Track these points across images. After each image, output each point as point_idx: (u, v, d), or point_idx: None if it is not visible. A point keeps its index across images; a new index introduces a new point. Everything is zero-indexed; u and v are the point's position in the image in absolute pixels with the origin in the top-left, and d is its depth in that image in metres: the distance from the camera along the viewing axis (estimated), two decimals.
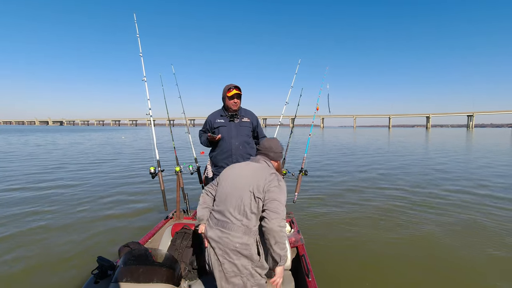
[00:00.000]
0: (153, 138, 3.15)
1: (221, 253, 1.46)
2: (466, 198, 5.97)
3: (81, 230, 4.15)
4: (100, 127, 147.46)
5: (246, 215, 1.46)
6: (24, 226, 4.27)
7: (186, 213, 3.11)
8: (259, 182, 1.48)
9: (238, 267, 1.44)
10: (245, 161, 1.85)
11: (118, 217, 4.78)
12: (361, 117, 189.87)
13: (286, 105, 3.72)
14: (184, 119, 3.93)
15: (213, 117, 2.78)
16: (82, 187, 6.80)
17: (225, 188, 1.57)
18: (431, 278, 2.91)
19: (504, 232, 4.08)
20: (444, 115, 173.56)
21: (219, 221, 1.51)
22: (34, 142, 22.14)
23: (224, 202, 1.53)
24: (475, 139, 31.80)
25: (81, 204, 5.44)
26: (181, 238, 2.48)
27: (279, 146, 1.75)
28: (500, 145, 21.50)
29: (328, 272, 2.97)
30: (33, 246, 3.61)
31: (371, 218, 4.71)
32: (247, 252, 1.45)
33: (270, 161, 1.68)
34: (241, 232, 1.45)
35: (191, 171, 3.27)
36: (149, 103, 3.15)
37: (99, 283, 1.71)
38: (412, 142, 25.87)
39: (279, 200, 1.46)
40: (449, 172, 9.13)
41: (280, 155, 1.75)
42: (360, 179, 8.06)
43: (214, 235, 1.49)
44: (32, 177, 7.90)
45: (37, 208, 5.11)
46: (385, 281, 2.88)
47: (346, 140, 28.54)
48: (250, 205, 1.45)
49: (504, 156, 13.93)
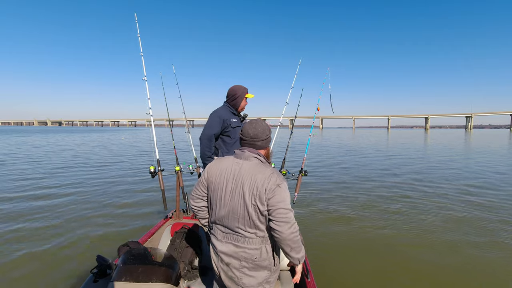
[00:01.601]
0: (153, 137, 3.14)
1: (239, 267, 1.35)
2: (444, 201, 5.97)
3: (80, 229, 4.14)
4: (99, 128, 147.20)
5: (257, 227, 1.34)
6: (24, 225, 4.26)
7: (186, 212, 3.10)
8: (260, 190, 1.30)
9: (258, 280, 1.37)
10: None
11: (117, 216, 4.77)
12: (360, 118, 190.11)
13: (286, 106, 3.71)
14: (184, 119, 3.93)
15: (227, 115, 2.49)
16: (82, 187, 6.78)
17: (222, 200, 1.38)
18: (431, 278, 2.91)
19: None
20: (442, 116, 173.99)
21: (228, 234, 1.38)
22: (36, 143, 22.05)
23: (227, 218, 1.37)
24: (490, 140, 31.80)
25: (81, 203, 5.43)
26: (180, 238, 2.47)
27: (265, 130, 1.46)
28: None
29: (327, 273, 2.97)
30: (32, 245, 3.60)
31: (371, 218, 4.72)
32: (267, 263, 1.38)
33: (259, 153, 1.43)
34: (258, 243, 1.35)
35: (191, 170, 3.26)
36: (149, 102, 3.14)
37: (98, 282, 1.70)
38: (431, 144, 25.86)
39: (284, 205, 1.30)
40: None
41: (267, 141, 1.48)
42: (360, 180, 8.07)
43: (227, 249, 1.37)
44: (32, 178, 7.89)
45: (37, 208, 5.10)
46: (385, 281, 2.88)
47: (364, 142, 28.50)
48: (257, 216, 1.32)
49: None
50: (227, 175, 1.38)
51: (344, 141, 27.96)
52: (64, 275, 2.92)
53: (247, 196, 1.31)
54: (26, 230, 4.08)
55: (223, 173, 1.40)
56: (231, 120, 2.49)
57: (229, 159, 1.45)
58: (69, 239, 3.79)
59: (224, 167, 1.41)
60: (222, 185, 1.38)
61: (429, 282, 2.85)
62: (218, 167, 1.43)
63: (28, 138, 28.67)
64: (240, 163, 1.39)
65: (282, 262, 2.22)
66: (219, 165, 1.43)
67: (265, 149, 1.49)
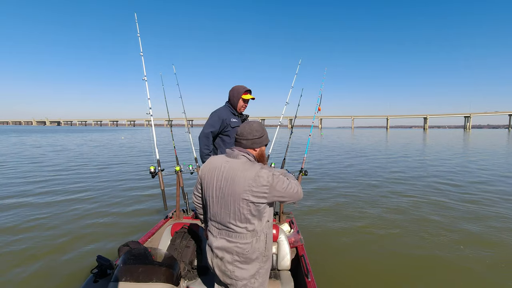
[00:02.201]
0: (153, 137, 3.15)
1: (231, 261, 1.42)
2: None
3: (80, 229, 4.13)
4: (98, 128, 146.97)
5: (248, 221, 1.40)
6: (23, 224, 4.25)
7: (186, 212, 3.10)
8: (253, 184, 1.35)
9: (250, 272, 1.43)
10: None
11: (117, 216, 4.77)
12: (359, 118, 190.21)
13: (286, 106, 3.71)
14: (184, 119, 3.93)
15: (226, 115, 2.53)
16: (82, 187, 6.77)
17: (214, 197, 1.44)
18: (431, 279, 2.92)
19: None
20: (441, 116, 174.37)
21: (222, 230, 1.46)
22: (36, 143, 22.00)
23: (220, 214, 1.43)
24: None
25: (81, 203, 5.43)
26: (180, 238, 2.47)
27: (253, 131, 1.48)
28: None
29: (327, 273, 2.97)
30: (32, 244, 3.60)
31: (371, 218, 4.72)
32: (258, 255, 1.44)
33: (248, 152, 1.46)
34: (249, 237, 1.42)
35: (191, 170, 3.26)
36: (149, 102, 3.14)
37: (98, 282, 1.70)
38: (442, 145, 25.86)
39: (290, 186, 1.41)
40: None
41: (255, 141, 1.49)
42: (360, 179, 8.08)
43: (221, 245, 1.44)
44: (32, 179, 7.87)
45: (37, 207, 5.09)
46: (385, 281, 2.88)
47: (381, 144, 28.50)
48: (249, 211, 1.38)
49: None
50: (218, 172, 1.44)
51: (344, 141, 27.98)
52: (64, 275, 2.92)
53: (237, 192, 1.37)
54: (26, 230, 4.07)
55: (214, 171, 1.46)
56: (231, 120, 2.52)
57: (220, 158, 1.51)
58: (69, 239, 3.79)
59: (214, 166, 1.48)
60: (213, 182, 1.45)
61: (429, 282, 2.85)
62: (209, 165, 1.51)
63: (28, 138, 28.59)
64: (229, 161, 1.45)
65: (282, 262, 2.22)
66: (211, 164, 1.51)
67: (254, 150, 1.51)
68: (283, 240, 2.23)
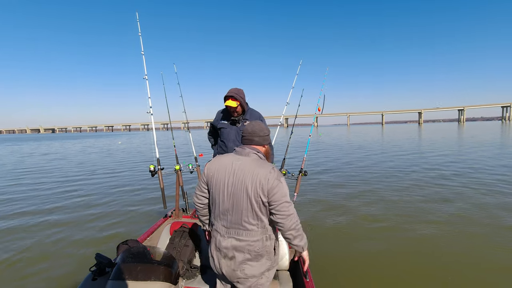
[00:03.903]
0: (153, 136, 3.18)
1: (243, 259, 1.43)
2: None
3: (79, 227, 4.13)
4: (93, 133, 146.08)
5: (259, 218, 1.43)
6: (23, 224, 4.25)
7: (185, 211, 3.08)
8: (263, 183, 1.39)
9: (260, 269, 1.46)
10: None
11: (117, 214, 4.76)
12: (354, 114, 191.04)
13: (286, 106, 3.69)
14: (185, 120, 3.94)
15: (218, 116, 2.69)
16: (82, 187, 6.75)
17: (225, 194, 1.46)
18: (432, 279, 2.85)
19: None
20: (435, 110, 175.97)
21: (231, 229, 1.46)
22: (35, 152, 21.79)
23: (231, 211, 1.44)
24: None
25: (81, 202, 5.43)
26: (179, 237, 2.46)
27: (263, 128, 1.59)
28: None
29: (326, 273, 2.94)
30: (32, 243, 3.60)
31: (370, 218, 4.63)
32: (268, 251, 1.47)
33: (258, 150, 1.54)
34: (259, 234, 1.44)
35: (191, 169, 3.26)
36: (150, 101, 3.12)
37: (97, 280, 1.69)
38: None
39: (286, 199, 1.41)
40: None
41: (266, 139, 1.60)
42: (361, 179, 8.09)
43: (230, 244, 1.44)
44: (33, 179, 7.80)
45: (37, 207, 5.09)
46: (385, 281, 2.84)
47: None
48: (259, 208, 1.42)
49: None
50: (228, 170, 1.47)
51: (343, 139, 28.05)
52: (63, 273, 2.92)
53: (250, 189, 1.40)
54: (25, 230, 4.07)
55: (224, 169, 1.48)
56: (220, 121, 2.66)
57: (230, 156, 1.55)
58: (68, 238, 3.79)
59: (224, 164, 1.51)
60: (224, 180, 1.46)
61: (430, 282, 2.79)
62: (217, 164, 1.53)
63: (23, 147, 28.30)
64: (241, 159, 1.49)
65: (280, 263, 2.21)
66: (219, 162, 1.53)
67: (264, 147, 1.60)
68: (282, 240, 2.23)
